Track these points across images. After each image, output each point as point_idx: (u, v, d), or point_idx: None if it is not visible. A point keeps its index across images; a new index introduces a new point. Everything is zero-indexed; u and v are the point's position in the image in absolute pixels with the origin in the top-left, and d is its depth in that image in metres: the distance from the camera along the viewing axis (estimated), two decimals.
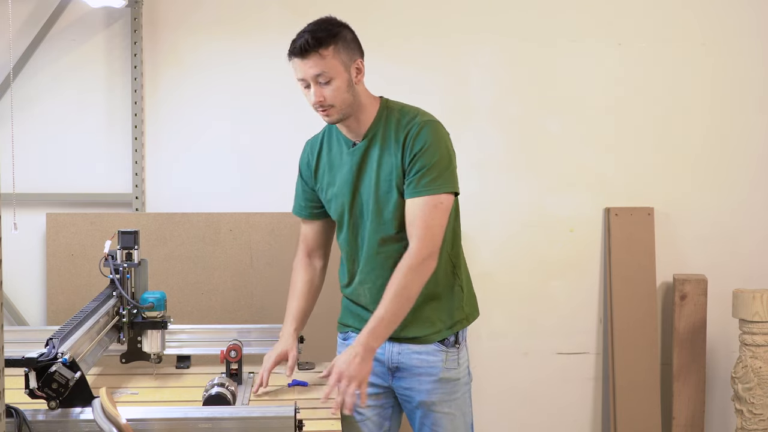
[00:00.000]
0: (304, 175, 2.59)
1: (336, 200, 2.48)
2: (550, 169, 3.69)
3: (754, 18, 3.69)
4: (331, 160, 2.49)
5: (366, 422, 2.52)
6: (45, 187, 3.49)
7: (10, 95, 3.38)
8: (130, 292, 2.65)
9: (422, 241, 2.32)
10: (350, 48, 2.35)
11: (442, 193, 2.34)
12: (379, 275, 2.42)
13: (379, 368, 2.49)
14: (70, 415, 1.94)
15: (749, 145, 3.73)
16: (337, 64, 2.31)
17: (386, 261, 2.42)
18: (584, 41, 3.66)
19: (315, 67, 2.30)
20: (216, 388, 2.31)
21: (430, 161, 2.34)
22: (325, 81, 2.32)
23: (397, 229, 2.40)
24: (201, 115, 3.55)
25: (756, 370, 3.42)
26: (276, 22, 3.53)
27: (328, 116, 2.38)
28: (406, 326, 2.42)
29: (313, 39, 2.30)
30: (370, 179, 2.41)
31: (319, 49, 2.29)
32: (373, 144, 2.42)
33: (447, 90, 3.61)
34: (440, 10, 3.58)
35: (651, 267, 3.67)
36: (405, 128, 2.38)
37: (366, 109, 2.41)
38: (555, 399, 3.76)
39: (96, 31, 3.50)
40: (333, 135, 2.51)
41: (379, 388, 2.51)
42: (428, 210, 2.33)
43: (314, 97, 2.33)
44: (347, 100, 2.35)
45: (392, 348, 2.47)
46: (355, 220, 2.46)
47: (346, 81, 2.34)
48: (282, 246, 3.45)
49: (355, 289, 2.51)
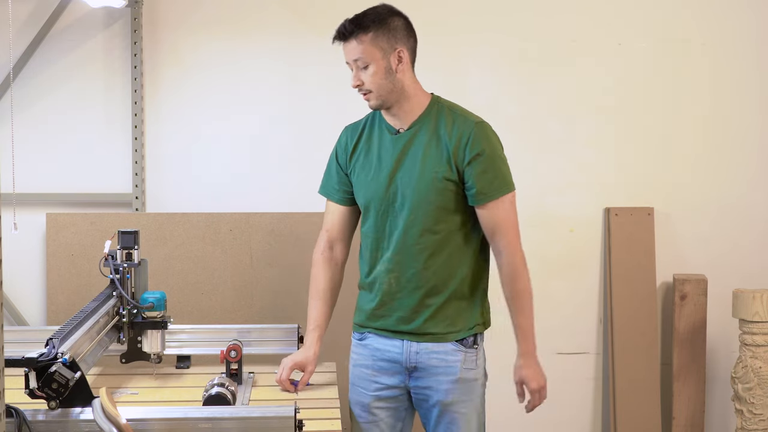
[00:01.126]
0: (340, 158, 2.58)
1: (369, 185, 2.48)
2: (550, 169, 3.68)
3: (754, 18, 3.69)
4: (370, 145, 2.50)
5: (379, 423, 2.53)
6: (45, 187, 3.49)
7: (10, 95, 3.38)
8: (130, 292, 2.66)
9: (513, 241, 2.45)
10: (393, 36, 2.39)
11: (512, 191, 2.46)
12: (411, 266, 2.44)
13: (395, 368, 2.49)
14: (70, 415, 1.94)
15: (749, 144, 3.73)
16: (374, 50, 2.36)
17: (421, 253, 2.43)
18: (584, 41, 3.66)
19: (352, 52, 2.38)
20: (216, 388, 2.31)
21: (494, 163, 2.43)
22: (362, 66, 2.37)
23: (435, 222, 2.42)
24: (201, 115, 3.55)
25: (756, 370, 3.42)
26: (276, 22, 3.53)
27: (368, 100, 2.44)
28: (427, 322, 2.45)
29: (350, 24, 2.37)
30: (413, 169, 2.42)
31: (357, 34, 2.36)
32: (419, 134, 2.43)
33: (447, 90, 3.56)
34: (440, 9, 3.58)
35: (651, 267, 3.67)
36: (460, 128, 2.42)
37: (411, 100, 2.44)
38: (555, 399, 3.74)
39: (96, 31, 3.50)
40: (376, 122, 2.52)
41: (395, 389, 2.51)
42: (508, 209, 2.45)
43: (353, 80, 2.40)
44: (385, 87, 2.39)
45: (410, 347, 2.47)
46: (387, 207, 2.46)
47: (383, 68, 2.37)
48: (282, 246, 3.45)
49: (377, 277, 2.49)
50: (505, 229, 2.43)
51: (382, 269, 2.48)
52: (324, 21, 3.51)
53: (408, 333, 2.46)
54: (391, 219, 2.46)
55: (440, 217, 2.42)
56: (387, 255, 2.47)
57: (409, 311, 2.46)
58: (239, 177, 3.57)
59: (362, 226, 2.55)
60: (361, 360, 2.55)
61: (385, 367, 2.50)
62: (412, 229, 2.43)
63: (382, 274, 2.48)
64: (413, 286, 2.45)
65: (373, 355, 2.52)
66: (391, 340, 2.49)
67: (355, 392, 2.57)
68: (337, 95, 3.52)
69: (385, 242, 2.48)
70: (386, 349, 2.50)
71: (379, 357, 2.51)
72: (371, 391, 2.52)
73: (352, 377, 2.59)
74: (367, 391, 2.53)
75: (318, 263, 2.62)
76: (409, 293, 2.45)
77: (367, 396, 2.53)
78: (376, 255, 2.50)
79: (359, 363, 2.56)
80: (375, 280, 2.50)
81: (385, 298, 2.49)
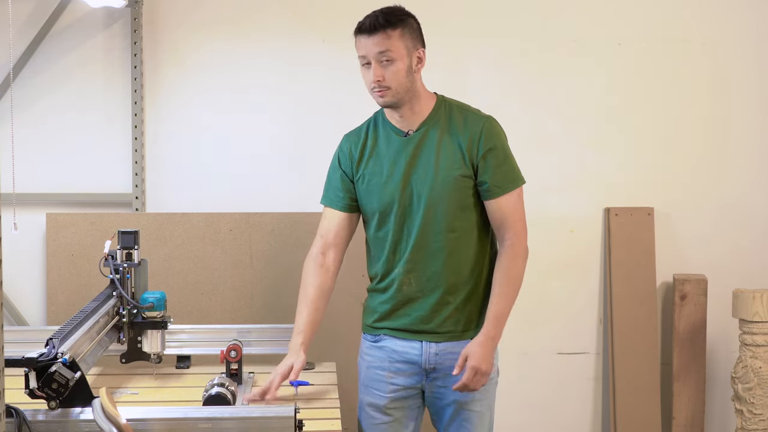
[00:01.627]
0: (344, 166, 2.56)
1: (383, 189, 2.47)
2: (550, 169, 3.68)
3: (754, 18, 3.69)
4: (378, 149, 2.50)
5: (393, 423, 2.53)
6: (45, 187, 3.49)
7: (10, 95, 3.38)
8: (130, 292, 2.66)
9: (520, 231, 2.46)
10: (415, 36, 2.42)
11: (520, 185, 2.49)
12: (429, 265, 2.45)
13: (412, 369, 2.49)
14: (70, 415, 1.94)
15: (749, 144, 3.73)
16: (401, 46, 2.38)
17: (440, 252, 2.45)
18: (584, 41, 3.66)
19: (380, 45, 2.36)
20: (216, 388, 2.31)
21: (507, 157, 2.47)
22: (387, 60, 2.37)
23: (453, 220, 2.43)
24: (201, 114, 3.55)
25: (756, 370, 3.42)
26: (276, 22, 3.53)
27: (382, 97, 2.41)
28: (446, 320, 2.46)
29: (383, 17, 2.37)
30: (427, 169, 2.43)
31: (387, 28, 2.36)
32: (430, 134, 2.44)
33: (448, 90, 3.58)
34: (441, 10, 3.57)
35: (651, 267, 3.67)
36: (471, 124, 2.45)
37: (420, 100, 2.46)
38: (555, 399, 3.76)
39: (96, 31, 3.50)
40: (379, 125, 2.52)
41: (411, 390, 2.52)
42: (516, 202, 2.47)
43: (373, 75, 2.38)
44: (404, 85, 2.40)
45: (429, 349, 2.47)
46: (404, 209, 2.46)
47: (406, 65, 2.39)
48: (282, 246, 3.45)
49: (396, 278, 2.48)
50: (513, 221, 2.46)
51: (401, 270, 2.48)
52: (324, 21, 3.55)
53: (427, 333, 2.47)
54: (408, 220, 2.46)
55: (457, 214, 2.44)
56: (406, 256, 2.47)
57: (429, 310, 2.47)
58: (239, 177, 3.57)
59: (373, 232, 2.53)
60: (376, 362, 2.55)
61: (403, 368, 2.50)
62: (430, 228, 2.44)
63: (401, 275, 2.48)
64: (433, 286, 2.46)
65: (390, 357, 2.52)
66: (409, 342, 2.49)
67: (368, 394, 2.56)
68: (338, 95, 3.53)
69: (403, 244, 2.48)
70: (404, 351, 2.50)
71: (396, 359, 2.51)
72: (387, 393, 2.52)
73: (366, 379, 2.58)
74: (383, 393, 2.52)
75: (308, 269, 2.57)
76: (429, 292, 2.47)
77: (382, 398, 2.52)
78: (394, 258, 2.49)
79: (374, 365, 2.55)
80: (392, 282, 2.50)
81: (405, 298, 2.49)
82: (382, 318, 2.53)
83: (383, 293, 2.53)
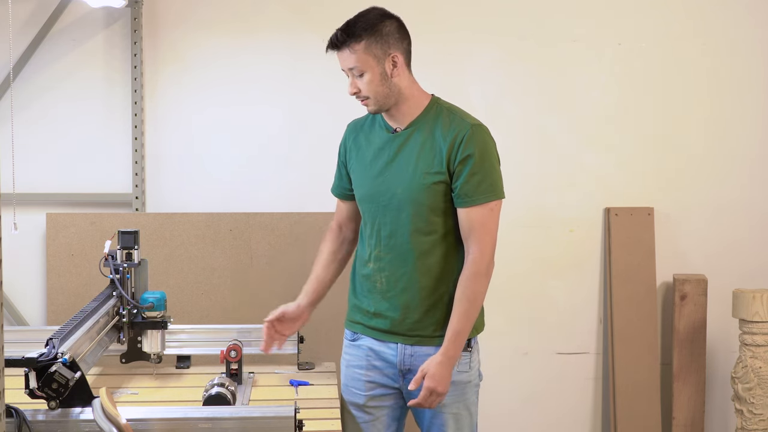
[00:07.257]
0: (341, 154, 2.59)
1: (363, 181, 2.48)
2: (550, 169, 3.68)
3: (754, 18, 3.69)
4: (368, 141, 2.50)
5: (375, 423, 2.52)
6: (45, 187, 3.49)
7: (10, 95, 3.38)
8: (130, 292, 2.66)
9: (485, 247, 2.38)
10: (385, 41, 2.36)
11: (496, 199, 2.41)
12: (400, 266, 2.43)
13: (390, 370, 2.48)
14: (70, 415, 1.94)
15: (749, 144, 3.73)
16: (368, 58, 2.34)
17: (409, 253, 2.42)
18: (584, 41, 3.66)
19: (346, 61, 2.36)
20: (216, 388, 2.31)
21: (484, 168, 2.38)
22: (358, 74, 2.36)
23: (426, 223, 2.40)
24: (201, 114, 3.55)
25: (756, 370, 3.42)
26: (275, 21, 3.53)
27: (366, 106, 2.43)
28: (416, 323, 2.43)
29: (342, 33, 2.35)
30: (405, 169, 2.41)
31: (350, 43, 2.34)
32: (415, 135, 2.42)
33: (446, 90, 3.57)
34: (439, 9, 3.57)
35: (651, 267, 3.67)
36: (455, 129, 2.39)
37: (409, 101, 2.42)
38: (555, 399, 3.76)
39: (96, 31, 3.50)
40: (376, 120, 2.52)
41: (390, 389, 2.51)
42: (487, 216, 2.39)
43: (350, 87, 2.39)
44: (382, 93, 2.38)
45: (404, 350, 2.46)
46: (377, 205, 2.45)
47: (378, 74, 2.36)
48: (282, 246, 3.45)
49: (370, 275, 2.48)
50: (480, 235, 2.38)
51: (374, 267, 2.48)
52: (324, 19, 3.52)
53: (400, 335, 2.45)
54: (380, 217, 2.45)
55: (431, 218, 2.40)
56: (377, 253, 2.46)
57: (400, 313, 2.44)
58: (239, 177, 3.57)
59: (362, 224, 2.55)
60: (354, 361, 2.54)
61: (380, 366, 2.50)
62: (402, 228, 2.42)
63: (374, 273, 2.48)
64: (402, 287, 2.43)
65: (367, 356, 2.51)
66: (385, 343, 2.48)
67: (348, 393, 2.56)
68: (337, 94, 3.51)
69: (374, 240, 2.47)
70: (381, 351, 2.49)
71: (373, 357, 2.51)
72: (365, 392, 2.51)
73: (345, 378, 2.57)
74: (361, 391, 2.52)
75: (324, 239, 2.65)
76: (399, 294, 2.44)
77: (360, 396, 2.52)
78: (370, 254, 2.49)
79: (352, 364, 2.55)
80: (368, 278, 2.49)
81: (377, 297, 2.48)
82: (362, 315, 2.52)
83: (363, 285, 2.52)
